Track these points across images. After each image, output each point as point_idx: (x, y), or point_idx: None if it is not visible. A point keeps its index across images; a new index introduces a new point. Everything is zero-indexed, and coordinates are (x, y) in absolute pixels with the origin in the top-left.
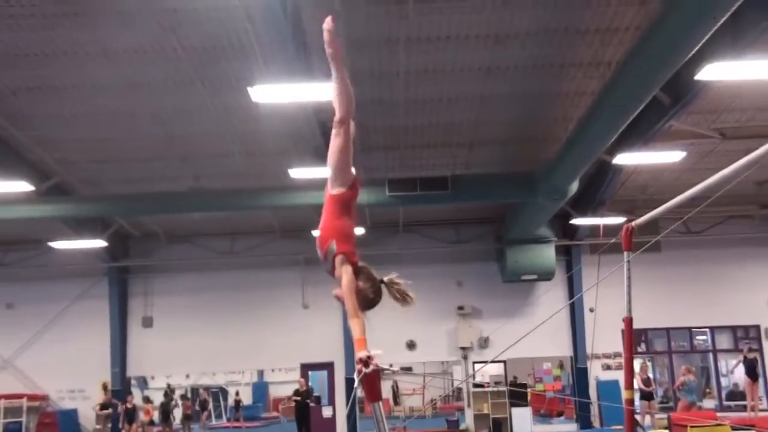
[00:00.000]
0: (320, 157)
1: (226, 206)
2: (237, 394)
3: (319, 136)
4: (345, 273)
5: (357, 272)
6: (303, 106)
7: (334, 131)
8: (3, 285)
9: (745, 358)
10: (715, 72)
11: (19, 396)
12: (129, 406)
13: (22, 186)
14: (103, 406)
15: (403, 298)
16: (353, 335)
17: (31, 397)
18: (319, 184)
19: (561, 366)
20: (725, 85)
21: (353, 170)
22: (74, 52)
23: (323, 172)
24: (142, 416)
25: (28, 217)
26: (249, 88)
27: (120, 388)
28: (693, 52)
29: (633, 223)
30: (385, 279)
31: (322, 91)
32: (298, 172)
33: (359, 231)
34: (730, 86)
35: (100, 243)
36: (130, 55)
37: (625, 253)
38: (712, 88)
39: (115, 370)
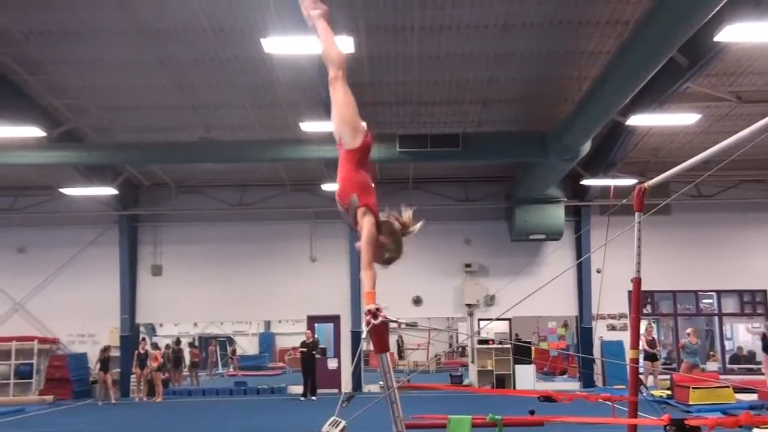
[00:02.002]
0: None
1: (236, 158)
2: (232, 345)
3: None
4: (366, 223)
5: (379, 226)
6: (315, 59)
7: (330, 87)
8: (15, 230)
9: (764, 335)
10: (735, 34)
11: (30, 339)
12: (141, 351)
13: (34, 132)
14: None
15: (409, 233)
16: (363, 287)
17: (42, 340)
18: (330, 138)
19: (566, 325)
20: (744, 48)
21: (363, 123)
22: None
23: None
24: (150, 362)
25: (39, 163)
26: (262, 39)
27: (129, 334)
28: (713, 12)
29: (645, 185)
30: (401, 228)
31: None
32: (309, 126)
33: None
34: (749, 49)
35: (110, 191)
36: (143, 1)
37: (636, 214)
38: (731, 50)
39: (125, 316)
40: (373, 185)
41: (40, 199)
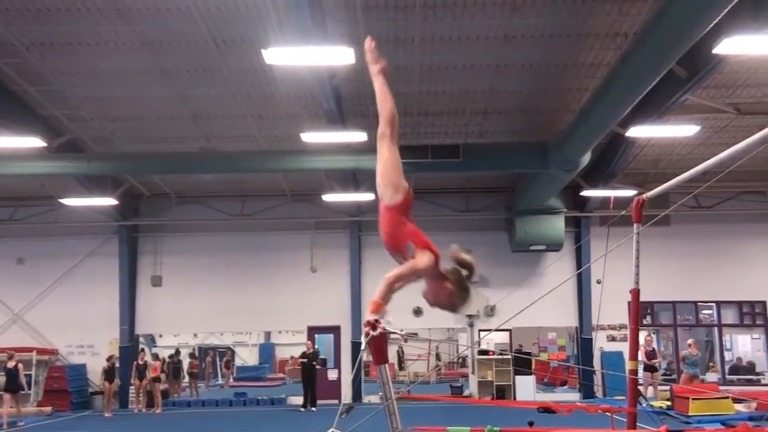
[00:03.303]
0: (332, 122)
1: (236, 168)
2: (225, 356)
3: (332, 101)
4: (425, 256)
5: (447, 275)
6: (316, 70)
7: (378, 143)
8: (14, 240)
9: None
10: (734, 46)
11: (29, 350)
12: (141, 362)
13: (34, 142)
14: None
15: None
16: (375, 296)
17: (41, 351)
18: (331, 149)
19: (572, 339)
20: (743, 60)
21: (404, 182)
22: (87, 8)
23: (335, 136)
24: (149, 373)
25: (39, 173)
26: (263, 50)
27: (129, 345)
28: (712, 25)
29: (644, 196)
30: (465, 273)
31: (336, 55)
32: (309, 136)
33: (370, 197)
34: (747, 61)
35: (110, 201)
36: (144, 13)
37: (635, 225)
38: (730, 62)
39: (124, 327)
40: (421, 231)
41: (39, 210)
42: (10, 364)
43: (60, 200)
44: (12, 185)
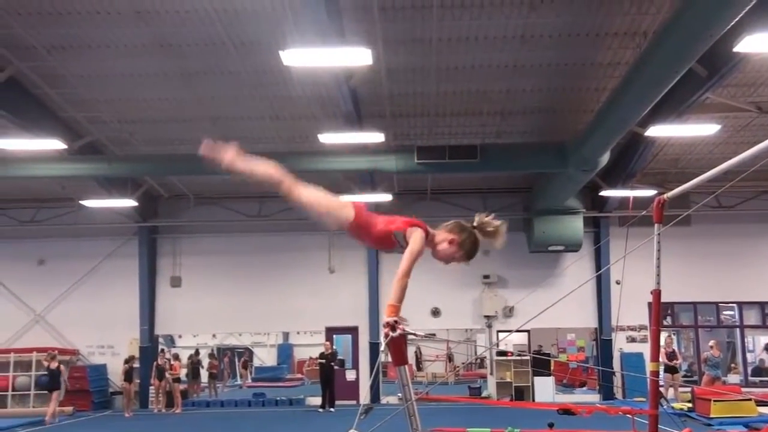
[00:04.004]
0: (349, 123)
1: None
2: (243, 356)
3: (350, 102)
4: (414, 238)
5: (448, 228)
6: (334, 71)
7: (292, 201)
8: (35, 241)
9: None
10: (755, 44)
11: (51, 350)
12: (160, 362)
13: (55, 144)
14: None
15: (494, 235)
16: (390, 299)
17: (62, 351)
18: (348, 150)
19: (591, 340)
20: (764, 58)
21: (340, 198)
22: (107, 11)
23: (352, 137)
24: (168, 374)
25: (60, 175)
26: (281, 52)
27: (148, 345)
28: (732, 23)
29: (665, 196)
30: (476, 223)
31: (353, 56)
32: (327, 137)
33: (387, 197)
34: None
35: (130, 203)
36: (162, 16)
37: (656, 225)
38: (751, 60)
39: (144, 327)
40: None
41: (60, 211)
42: (53, 365)
43: (80, 202)
44: (33, 187)
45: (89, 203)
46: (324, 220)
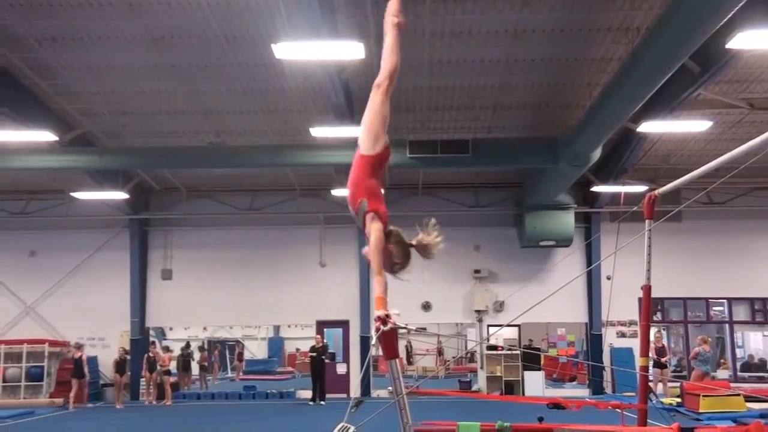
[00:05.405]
0: (341, 117)
1: (246, 163)
2: (236, 349)
3: (342, 95)
4: (374, 231)
5: (388, 234)
6: (326, 65)
7: (372, 92)
8: (26, 233)
9: None
10: (747, 40)
11: (41, 341)
12: (151, 355)
13: (46, 136)
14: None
15: (429, 255)
16: (374, 293)
17: (53, 343)
18: (340, 144)
19: (581, 335)
20: (756, 55)
21: (386, 136)
22: (99, 3)
23: (344, 131)
24: (158, 366)
25: (51, 167)
26: (273, 45)
27: (139, 337)
28: (725, 19)
29: (656, 192)
30: (414, 241)
31: (345, 50)
32: (319, 131)
33: None
34: (761, 56)
35: (121, 195)
36: (155, 8)
37: (647, 221)
38: (743, 57)
39: (135, 320)
40: (382, 194)
41: (51, 203)
42: (77, 354)
43: (71, 194)
44: (24, 179)
45: (81, 195)
46: (367, 127)
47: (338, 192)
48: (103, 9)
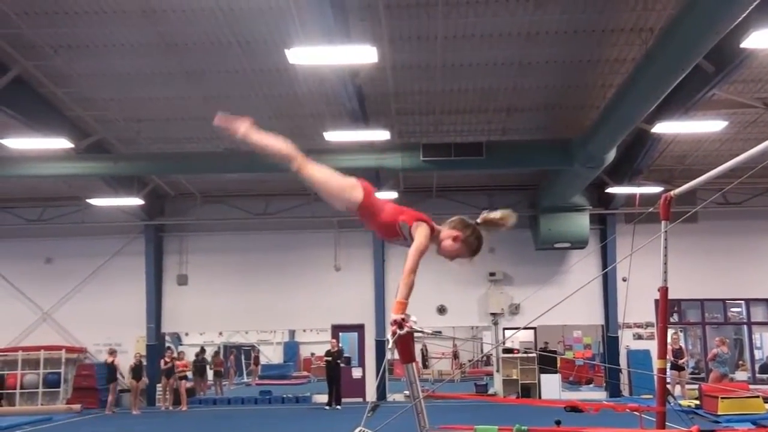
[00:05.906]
0: (355, 121)
1: (260, 168)
2: (253, 353)
3: (355, 100)
4: (419, 233)
5: (452, 225)
6: (339, 69)
7: (302, 179)
8: (42, 240)
9: None
10: (762, 40)
11: (58, 348)
12: (168, 360)
13: (62, 143)
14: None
15: (502, 224)
16: (398, 295)
17: (70, 350)
18: (354, 148)
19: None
20: None
21: (349, 178)
22: (113, 10)
23: (358, 135)
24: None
25: (67, 174)
26: (286, 50)
27: (155, 343)
28: (739, 19)
29: (672, 193)
30: (480, 220)
31: (358, 54)
32: (332, 135)
33: (392, 195)
34: None
35: (136, 201)
36: (169, 15)
37: (663, 222)
38: (758, 56)
39: (151, 325)
40: (399, 204)
41: (67, 210)
42: (110, 359)
43: (87, 200)
44: (40, 186)
45: (96, 202)
46: (332, 201)
47: (379, 234)
48: (117, 16)
